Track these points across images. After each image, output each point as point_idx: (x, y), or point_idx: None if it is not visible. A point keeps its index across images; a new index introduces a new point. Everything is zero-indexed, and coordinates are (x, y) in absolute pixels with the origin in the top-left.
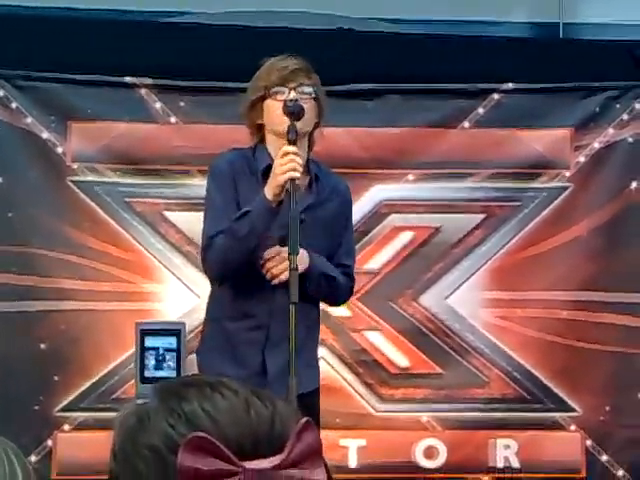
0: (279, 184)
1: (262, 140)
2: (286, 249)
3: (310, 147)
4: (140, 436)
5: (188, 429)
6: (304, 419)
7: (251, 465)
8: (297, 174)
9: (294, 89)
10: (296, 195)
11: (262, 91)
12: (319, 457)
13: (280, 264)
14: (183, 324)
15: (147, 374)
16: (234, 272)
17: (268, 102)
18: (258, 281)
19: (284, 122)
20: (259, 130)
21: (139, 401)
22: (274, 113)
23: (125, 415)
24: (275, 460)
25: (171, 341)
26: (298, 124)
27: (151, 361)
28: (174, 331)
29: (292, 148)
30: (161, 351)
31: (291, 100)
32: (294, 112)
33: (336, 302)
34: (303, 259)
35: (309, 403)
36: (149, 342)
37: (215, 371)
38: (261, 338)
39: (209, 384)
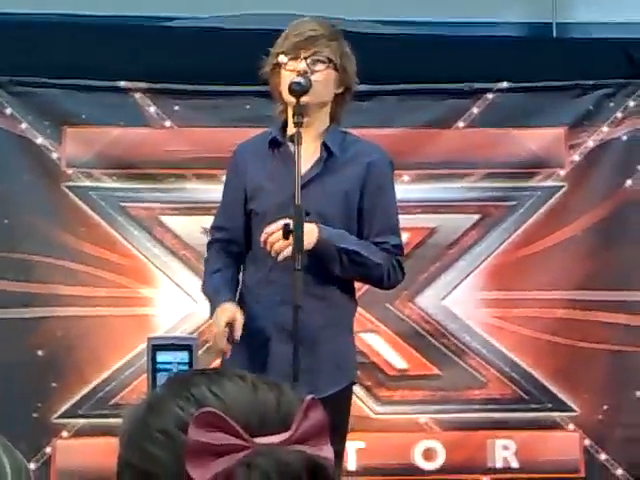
0: None
1: (286, 107)
2: (291, 222)
3: (334, 117)
4: (150, 420)
5: (197, 409)
6: (309, 397)
7: (260, 440)
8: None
9: (307, 58)
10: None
11: (277, 58)
12: (326, 434)
13: (278, 241)
14: (195, 339)
15: None
16: None
17: (282, 71)
18: (263, 260)
19: (291, 100)
20: (281, 96)
21: None
22: (284, 85)
23: (134, 405)
24: (282, 437)
25: (183, 356)
26: (305, 98)
27: (163, 377)
28: (186, 346)
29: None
30: (173, 366)
31: (296, 80)
32: (298, 93)
33: (380, 282)
34: (310, 234)
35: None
36: (160, 357)
37: (231, 363)
38: (268, 325)
39: (216, 372)
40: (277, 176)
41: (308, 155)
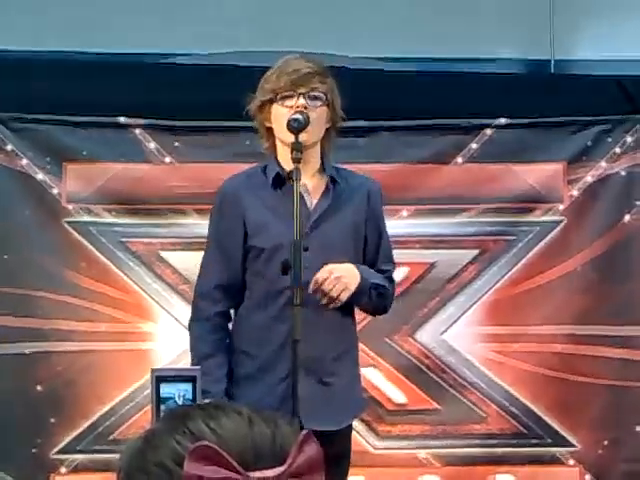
0: None
1: (273, 144)
2: (337, 266)
3: (324, 151)
4: (147, 454)
5: (193, 443)
6: (305, 431)
7: (254, 475)
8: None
9: (304, 95)
10: (303, 216)
11: (270, 94)
12: (320, 469)
13: (336, 285)
14: (199, 370)
15: None
16: None
17: (276, 107)
18: (273, 298)
19: (289, 136)
20: (269, 133)
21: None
22: (281, 121)
23: (132, 440)
24: (277, 471)
25: (187, 388)
26: (303, 136)
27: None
28: (190, 377)
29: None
30: (177, 398)
31: (294, 117)
32: (297, 129)
33: (384, 310)
34: (353, 276)
35: (334, 443)
36: (164, 389)
37: (248, 400)
38: (284, 362)
39: (213, 406)
40: (283, 212)
41: (311, 189)
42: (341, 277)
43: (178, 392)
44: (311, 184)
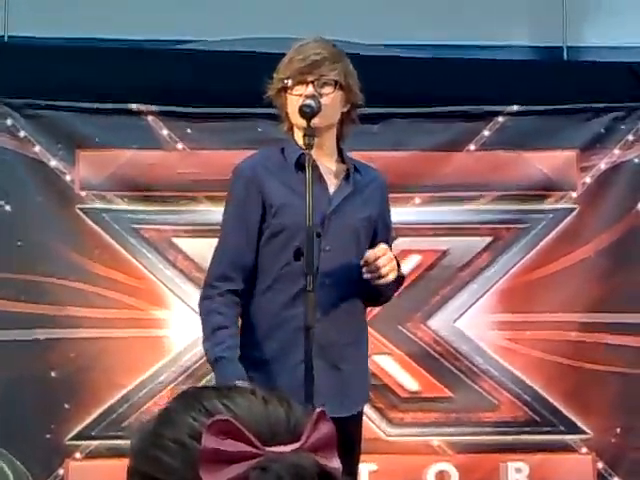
0: None
1: (291, 127)
2: (388, 248)
3: (340, 136)
4: (162, 432)
5: (210, 419)
6: (319, 409)
7: (272, 449)
8: None
9: (313, 83)
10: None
11: (281, 83)
12: (334, 446)
13: (390, 263)
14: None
15: None
16: None
17: (288, 95)
18: (291, 280)
19: (301, 123)
20: (287, 117)
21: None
22: (293, 109)
23: (144, 421)
24: (293, 447)
25: None
26: (315, 120)
27: None
28: None
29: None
30: None
31: (307, 103)
32: (310, 115)
33: (387, 301)
34: (392, 259)
35: (345, 430)
36: None
37: (266, 383)
38: (301, 344)
39: (226, 387)
40: (304, 194)
41: (330, 175)
42: (393, 259)
43: None
44: (332, 168)
